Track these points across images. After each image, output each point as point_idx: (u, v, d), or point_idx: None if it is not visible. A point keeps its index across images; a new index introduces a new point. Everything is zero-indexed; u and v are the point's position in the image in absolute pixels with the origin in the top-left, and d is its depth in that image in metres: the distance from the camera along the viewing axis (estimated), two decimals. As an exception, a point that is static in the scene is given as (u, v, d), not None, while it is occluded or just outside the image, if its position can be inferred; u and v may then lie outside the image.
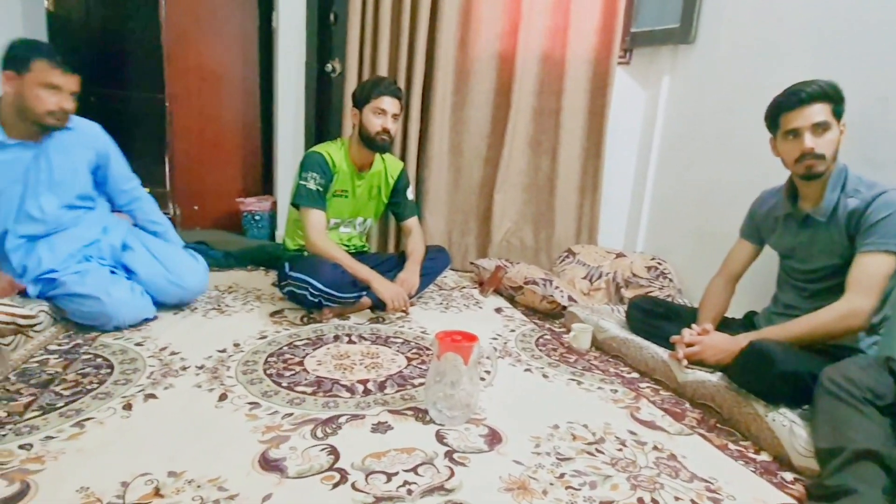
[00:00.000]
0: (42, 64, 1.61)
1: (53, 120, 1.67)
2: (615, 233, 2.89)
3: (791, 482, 1.21)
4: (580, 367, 1.77)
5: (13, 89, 1.62)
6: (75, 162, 1.84)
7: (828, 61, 1.83)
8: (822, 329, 1.43)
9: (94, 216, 1.93)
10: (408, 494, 1.06)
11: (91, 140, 1.89)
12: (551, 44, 2.76)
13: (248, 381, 1.49)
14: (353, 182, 2.21)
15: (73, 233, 1.84)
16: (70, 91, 1.68)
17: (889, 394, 1.18)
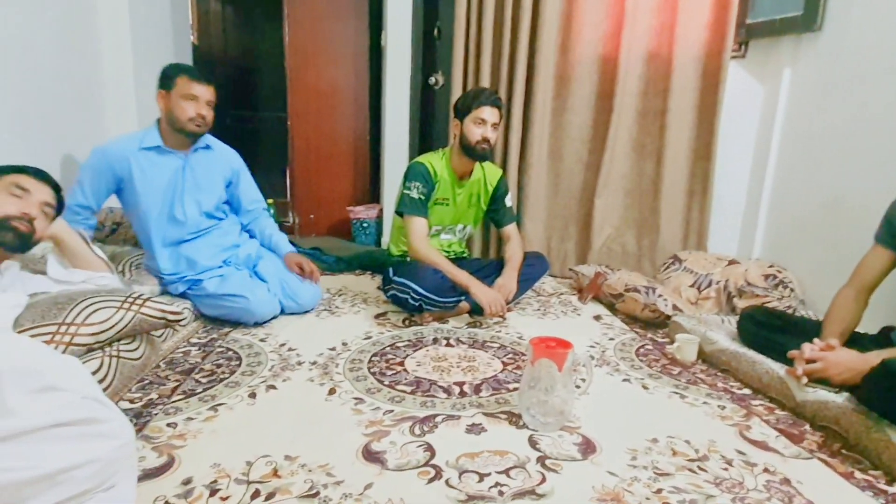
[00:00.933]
0: (183, 79, 1.92)
1: (194, 126, 1.94)
2: (727, 238, 2.70)
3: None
4: (684, 380, 1.69)
5: (165, 105, 1.94)
6: (214, 175, 2.11)
7: None
8: (977, 350, 1.26)
9: (229, 226, 2.19)
10: (499, 496, 1.09)
11: (227, 160, 2.17)
12: (657, 43, 2.67)
13: (355, 377, 1.60)
14: (453, 190, 2.29)
15: (212, 239, 2.10)
16: (206, 100, 1.96)
17: None
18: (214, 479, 1.09)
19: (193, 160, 2.04)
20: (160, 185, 1.98)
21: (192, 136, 1.99)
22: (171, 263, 2.02)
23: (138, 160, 1.94)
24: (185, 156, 2.02)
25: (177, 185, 2.01)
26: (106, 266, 1.64)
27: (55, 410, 0.77)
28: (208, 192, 2.09)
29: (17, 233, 1.35)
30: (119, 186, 1.96)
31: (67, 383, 0.82)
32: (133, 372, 1.48)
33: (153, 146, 1.96)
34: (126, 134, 2.04)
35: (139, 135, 1.98)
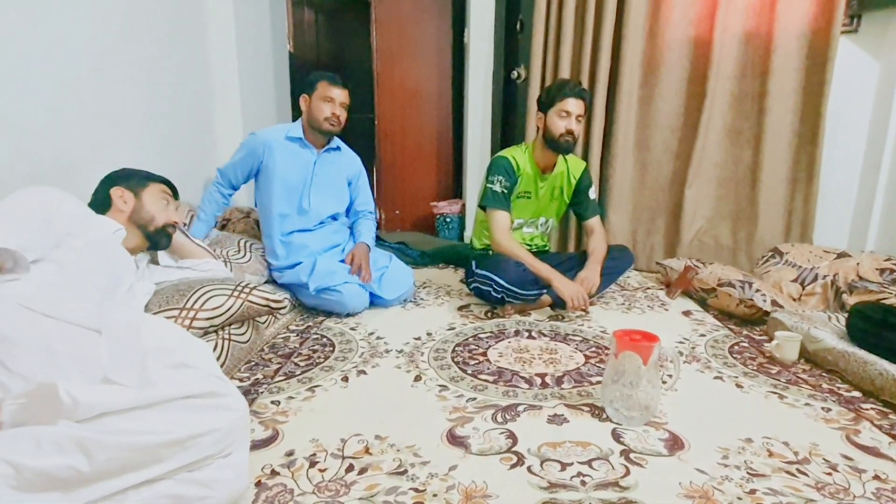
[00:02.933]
0: (323, 83, 2.13)
1: (329, 125, 2.14)
2: (836, 230, 2.49)
3: None
4: (783, 380, 1.59)
5: (307, 107, 2.16)
6: (338, 173, 2.31)
7: None
8: None
9: (342, 225, 2.36)
10: (581, 485, 1.09)
11: (351, 162, 2.38)
12: (755, 21, 2.51)
13: (439, 366, 1.66)
14: (536, 184, 2.29)
15: (325, 234, 2.27)
16: (341, 102, 2.15)
17: None
18: (313, 452, 1.19)
19: (325, 158, 2.24)
20: (294, 174, 2.18)
21: (328, 134, 2.19)
22: (283, 249, 2.19)
23: (281, 148, 2.16)
24: (318, 153, 2.22)
25: (307, 177, 2.20)
26: (207, 253, 1.82)
27: (186, 384, 0.88)
28: (334, 188, 2.28)
29: (169, 238, 1.59)
30: (259, 169, 2.19)
31: (196, 361, 0.94)
32: (241, 354, 1.63)
33: (297, 137, 2.17)
34: (276, 125, 2.29)
35: (286, 127, 2.21)
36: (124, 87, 2.09)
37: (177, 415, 0.85)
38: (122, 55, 2.07)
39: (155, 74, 2.30)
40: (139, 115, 2.20)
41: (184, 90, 2.56)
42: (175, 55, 2.47)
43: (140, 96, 2.19)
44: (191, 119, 2.64)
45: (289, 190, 2.18)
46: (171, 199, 1.60)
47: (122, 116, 2.08)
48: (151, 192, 1.55)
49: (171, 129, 2.44)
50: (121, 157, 1.79)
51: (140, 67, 2.19)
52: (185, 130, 2.58)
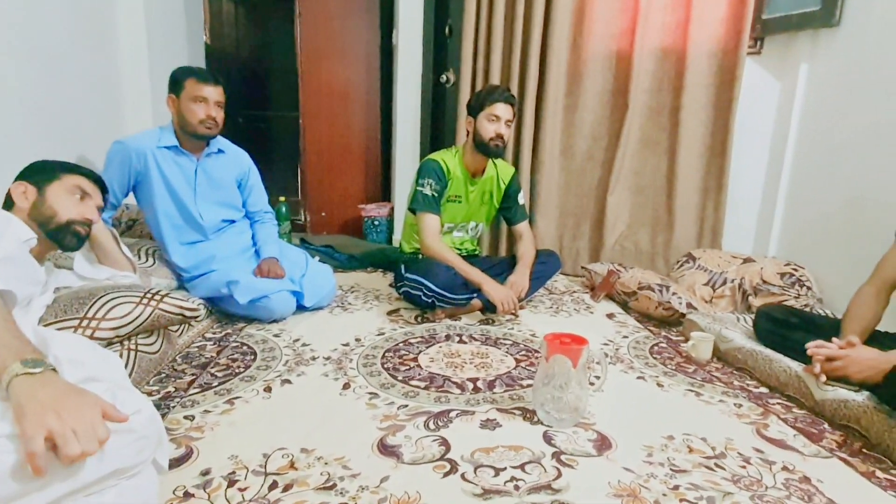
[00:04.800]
0: (191, 81, 1.91)
1: (205, 129, 1.93)
2: (742, 236, 2.68)
3: (955, 520, 1.06)
4: (699, 378, 1.68)
5: (175, 109, 1.94)
6: (227, 177, 2.13)
7: None
8: None
9: (244, 225, 2.21)
10: (515, 490, 1.09)
11: (238, 162, 2.18)
12: (671, 39, 2.65)
13: (368, 373, 1.61)
14: (466, 188, 2.29)
15: (228, 238, 2.12)
16: (216, 101, 1.94)
17: None
18: (232, 470, 1.10)
19: (207, 164, 2.05)
20: (176, 186, 1.99)
21: (204, 139, 1.99)
22: (186, 260, 2.03)
23: (156, 157, 1.95)
24: (197, 160, 2.03)
25: (193, 188, 2.02)
26: (132, 267, 1.67)
27: None
28: (223, 194, 2.11)
29: (78, 237, 1.37)
30: (136, 182, 1.98)
31: (105, 375, 0.83)
32: (151, 365, 1.49)
33: (171, 146, 1.97)
34: (144, 130, 2.06)
35: (157, 132, 1.99)
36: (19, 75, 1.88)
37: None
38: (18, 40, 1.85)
39: (55, 61, 2.08)
40: (34, 106, 1.98)
41: (88, 78, 2.34)
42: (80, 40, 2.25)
43: (38, 84, 1.98)
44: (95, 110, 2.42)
45: (174, 202, 1.99)
46: (87, 194, 1.40)
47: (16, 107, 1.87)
48: (60, 186, 1.34)
49: (72, 121, 2.22)
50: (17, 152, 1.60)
51: (39, 53, 1.98)
52: (89, 122, 2.36)
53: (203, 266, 2.03)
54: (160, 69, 2.74)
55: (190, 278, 2.04)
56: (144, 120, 2.69)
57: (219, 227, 2.12)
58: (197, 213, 2.04)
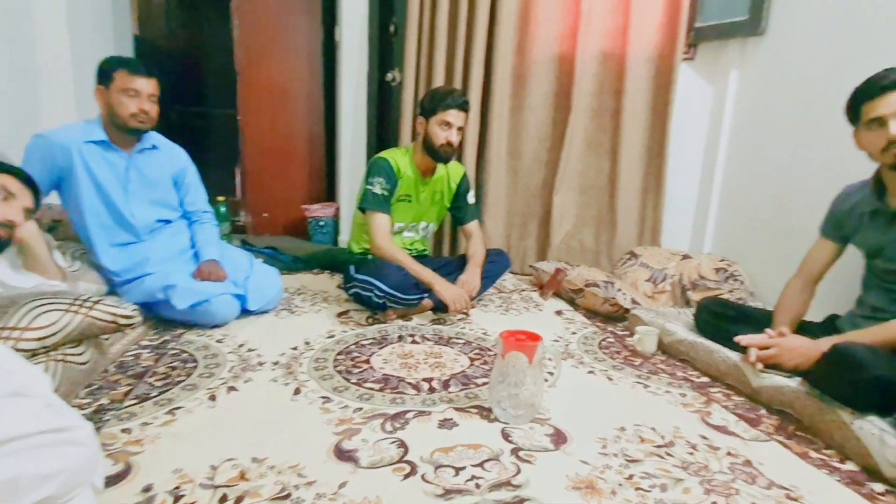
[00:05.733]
0: (122, 73, 1.79)
1: (137, 122, 1.82)
2: (680, 234, 2.80)
3: (882, 493, 1.14)
4: (646, 371, 1.73)
5: (104, 101, 1.81)
6: (161, 175, 2.01)
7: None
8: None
9: (181, 225, 2.09)
10: (476, 488, 1.08)
11: (173, 158, 2.06)
12: (611, 44, 2.73)
13: (320, 376, 1.56)
14: (416, 187, 2.27)
15: (164, 238, 2.00)
16: (149, 94, 1.83)
17: None
18: (177, 485, 1.03)
19: (140, 161, 1.93)
20: (105, 183, 1.85)
21: (136, 133, 1.88)
22: (117, 263, 1.90)
23: (82, 153, 1.81)
24: (128, 155, 1.90)
25: (123, 185, 1.89)
26: (62, 275, 1.54)
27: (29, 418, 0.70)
28: (157, 193, 1.99)
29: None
30: (60, 179, 1.83)
31: (32, 389, 0.75)
32: (80, 377, 1.38)
33: (99, 140, 1.84)
34: (69, 124, 1.91)
35: (82, 126, 1.85)
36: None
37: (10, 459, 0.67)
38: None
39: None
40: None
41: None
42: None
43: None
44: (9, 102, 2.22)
45: (102, 201, 1.87)
46: (12, 194, 1.29)
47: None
48: None
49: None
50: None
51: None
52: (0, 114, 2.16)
53: (136, 269, 1.90)
54: (84, 60, 2.56)
55: (122, 283, 1.90)
56: (66, 113, 2.50)
57: (153, 228, 2.00)
58: (128, 212, 1.91)
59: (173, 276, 1.86)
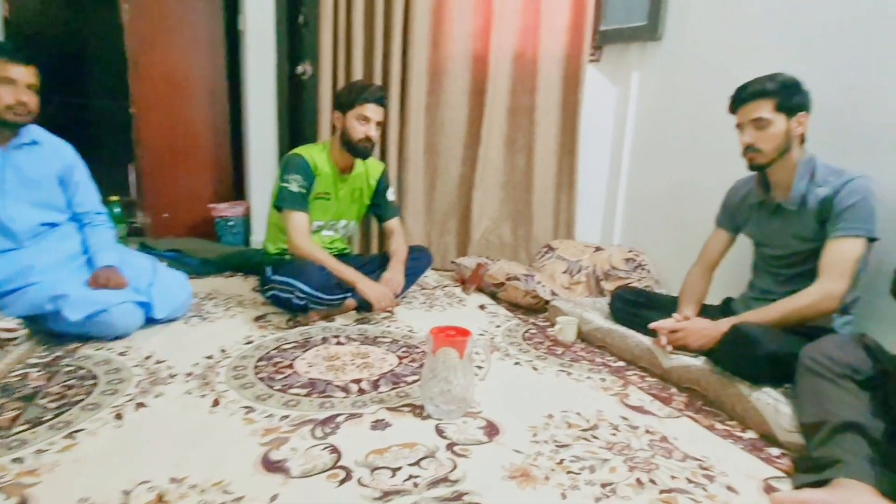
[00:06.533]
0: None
1: (13, 115, 1.65)
2: (592, 227, 2.95)
3: (778, 457, 1.26)
4: (568, 359, 1.80)
5: None
6: (44, 173, 1.81)
7: (794, 55, 1.91)
8: (799, 312, 1.50)
9: (69, 230, 1.89)
10: (414, 487, 1.06)
11: (57, 155, 1.86)
12: (523, 42, 2.81)
13: (240, 385, 1.47)
14: (335, 185, 2.21)
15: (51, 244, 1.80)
16: (27, 83, 1.66)
17: (866, 369, 1.24)
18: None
19: (16, 157, 1.73)
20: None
21: (13, 127, 1.69)
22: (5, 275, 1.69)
23: None
24: (3, 151, 1.70)
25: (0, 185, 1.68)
26: None
27: None
28: (39, 193, 1.79)
29: None
30: None
31: None
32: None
33: None
34: None
35: None
36: None
37: None
38: None
39: None
40: None
41: None
42: None
43: None
44: None
45: None
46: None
47: None
48: None
49: None
50: None
51: None
52: None
53: (18, 279, 1.70)
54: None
55: (1, 294, 1.68)
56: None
57: (36, 233, 1.79)
58: (5, 215, 1.71)
59: (64, 284, 1.68)
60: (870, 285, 1.57)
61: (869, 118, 1.71)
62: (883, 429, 1.12)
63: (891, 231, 1.50)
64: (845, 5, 1.79)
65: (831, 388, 1.22)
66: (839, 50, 1.80)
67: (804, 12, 1.92)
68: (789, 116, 1.56)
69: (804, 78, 1.57)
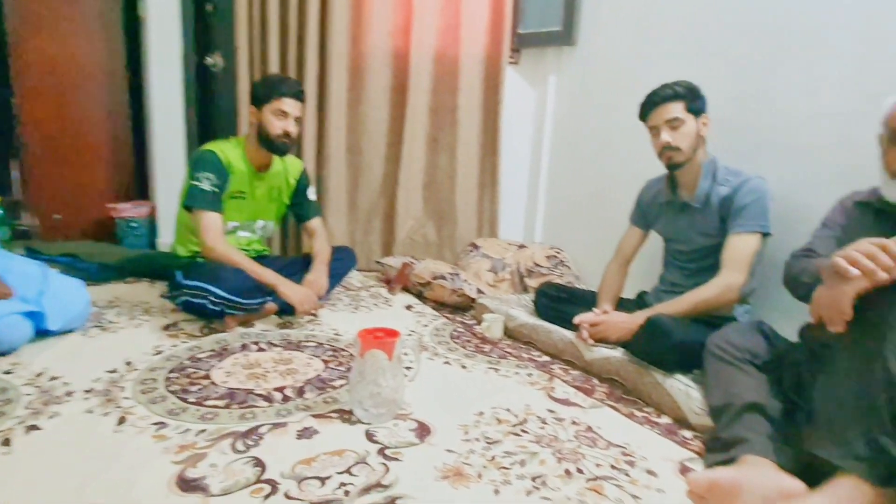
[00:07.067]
0: None
1: None
2: (515, 225, 3.01)
3: (691, 439, 1.35)
4: (496, 356, 1.82)
5: None
6: None
7: (693, 63, 2.05)
8: (705, 303, 1.61)
9: None
10: (345, 496, 1.03)
11: None
12: (444, 42, 2.81)
13: (150, 400, 1.36)
14: (251, 183, 2.10)
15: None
16: None
17: (763, 353, 1.36)
18: (-36, 560, 0.81)
19: None
20: None
21: None
22: None
23: None
24: None
25: None
26: None
27: None
28: None
29: None
30: None
31: None
32: None
33: None
34: None
35: None
36: None
37: None
38: None
39: None
40: None
41: None
42: None
43: None
44: None
45: None
46: None
47: None
48: None
49: None
50: None
51: None
52: None
53: None
54: None
55: None
56: None
57: None
58: None
59: None
60: (765, 277, 1.71)
61: (756, 124, 1.88)
62: (780, 408, 1.23)
63: (781, 226, 1.65)
64: (736, 21, 1.95)
65: (734, 372, 1.32)
66: (730, 61, 1.96)
67: (700, 26, 2.07)
68: (696, 117, 1.68)
69: (700, 85, 1.70)
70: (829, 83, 1.69)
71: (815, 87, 1.72)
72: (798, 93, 1.77)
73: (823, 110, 1.70)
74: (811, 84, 1.73)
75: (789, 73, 1.79)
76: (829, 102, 1.69)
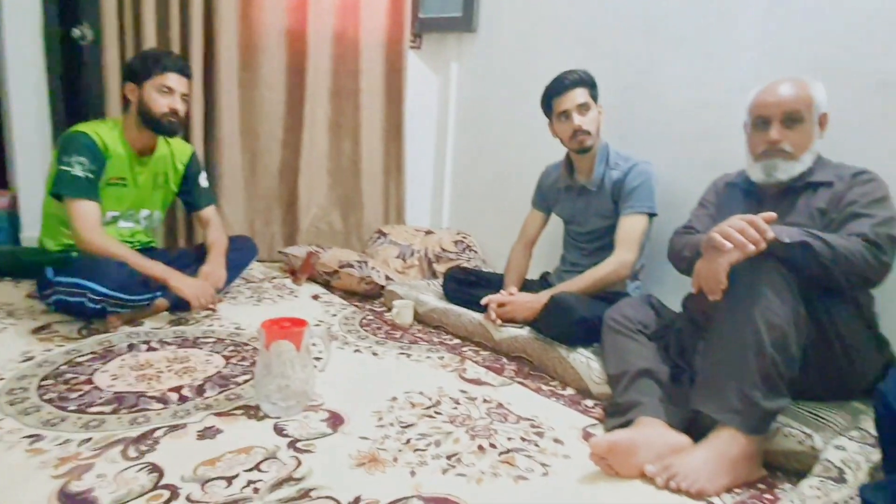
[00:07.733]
0: None
1: None
2: (421, 211, 3.02)
3: (592, 407, 1.44)
4: (407, 341, 1.82)
5: None
6: None
7: (587, 52, 2.16)
8: (602, 280, 1.72)
9: None
10: (255, 493, 0.98)
11: None
12: (342, 22, 2.73)
13: (20, 411, 1.20)
14: (132, 169, 1.92)
15: None
16: None
17: (652, 323, 1.47)
18: None
19: None
20: None
21: None
22: None
23: None
24: None
25: None
26: None
27: None
28: None
29: None
30: None
31: None
32: None
33: None
34: None
35: None
36: None
37: None
38: None
39: None
40: None
41: None
42: None
43: None
44: None
45: None
46: None
47: None
48: None
49: None
50: None
51: None
52: None
53: None
54: None
55: None
56: None
57: None
58: None
59: None
60: (652, 254, 1.86)
61: (642, 114, 2.02)
62: (668, 372, 1.34)
63: (665, 207, 1.79)
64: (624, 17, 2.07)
65: (628, 342, 1.42)
66: (619, 54, 2.08)
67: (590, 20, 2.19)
68: (596, 104, 1.77)
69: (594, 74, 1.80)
70: (706, 77, 1.85)
71: (693, 81, 1.88)
72: (679, 85, 1.92)
73: (701, 101, 1.86)
74: (690, 78, 1.89)
75: (672, 68, 1.94)
76: (706, 95, 1.85)
